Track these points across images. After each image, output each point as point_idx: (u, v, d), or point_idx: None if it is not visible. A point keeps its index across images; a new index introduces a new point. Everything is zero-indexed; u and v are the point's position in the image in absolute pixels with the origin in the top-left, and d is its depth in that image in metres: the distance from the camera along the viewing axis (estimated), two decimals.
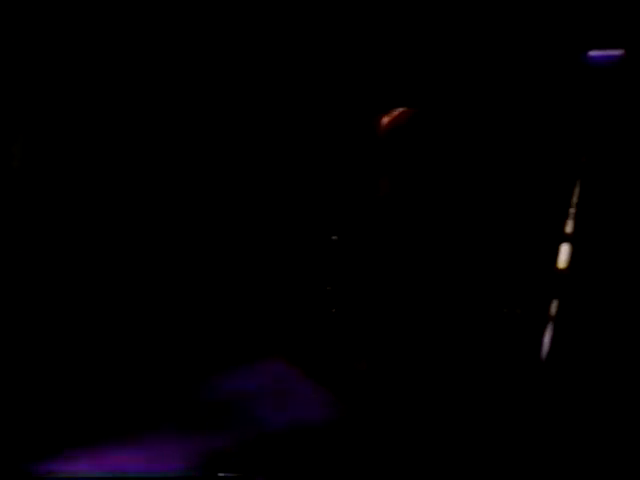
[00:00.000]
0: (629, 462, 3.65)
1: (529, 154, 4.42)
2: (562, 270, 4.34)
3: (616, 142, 4.34)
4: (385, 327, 4.38)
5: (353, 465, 3.73)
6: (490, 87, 4.32)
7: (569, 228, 4.31)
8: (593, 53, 4.21)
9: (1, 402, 3.88)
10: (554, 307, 4.30)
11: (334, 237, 4.26)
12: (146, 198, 4.35)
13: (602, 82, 4.27)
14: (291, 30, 4.16)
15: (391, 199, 4.22)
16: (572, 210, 4.31)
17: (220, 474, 3.60)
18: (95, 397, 4.06)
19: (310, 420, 3.94)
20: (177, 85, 4.28)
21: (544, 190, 4.42)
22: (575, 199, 4.30)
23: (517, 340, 4.34)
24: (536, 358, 4.26)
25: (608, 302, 4.34)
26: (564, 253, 4.33)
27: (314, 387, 4.18)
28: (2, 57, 4.02)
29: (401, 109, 4.15)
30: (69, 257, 4.29)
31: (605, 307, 4.33)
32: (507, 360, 4.31)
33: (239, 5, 4.13)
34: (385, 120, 4.14)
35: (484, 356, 4.33)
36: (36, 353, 4.18)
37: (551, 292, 4.33)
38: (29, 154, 4.10)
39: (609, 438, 3.89)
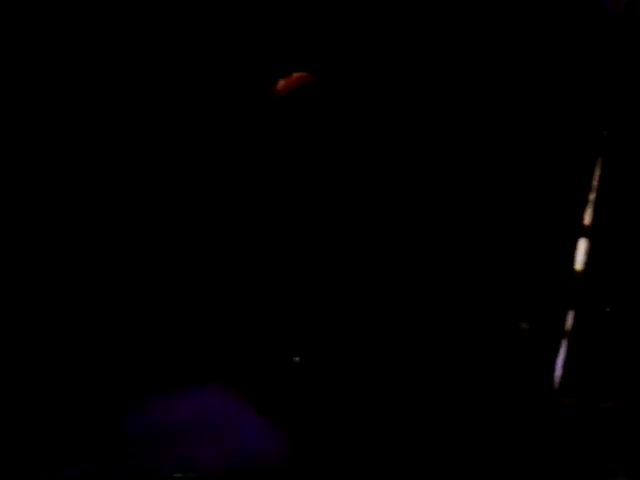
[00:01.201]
0: None
1: (532, 128, 3.79)
2: (579, 273, 3.71)
3: None
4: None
5: None
6: (474, 44, 3.65)
7: (587, 219, 3.73)
8: None
9: None
10: (570, 319, 3.66)
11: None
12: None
13: (627, 34, 3.60)
14: None
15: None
16: (591, 196, 3.73)
17: None
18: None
19: (251, 459, 3.42)
20: None
21: (554, 172, 3.79)
22: (595, 182, 3.73)
23: (525, 361, 3.69)
24: (548, 383, 3.60)
25: (635, 311, 3.72)
26: (581, 251, 3.71)
27: (261, 422, 3.61)
28: None
29: (301, 73, 3.81)
30: None
31: (632, 317, 3.71)
32: (514, 385, 3.67)
33: None
34: (282, 83, 3.81)
35: (486, 381, 3.68)
36: None
37: (566, 301, 3.69)
38: None
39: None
